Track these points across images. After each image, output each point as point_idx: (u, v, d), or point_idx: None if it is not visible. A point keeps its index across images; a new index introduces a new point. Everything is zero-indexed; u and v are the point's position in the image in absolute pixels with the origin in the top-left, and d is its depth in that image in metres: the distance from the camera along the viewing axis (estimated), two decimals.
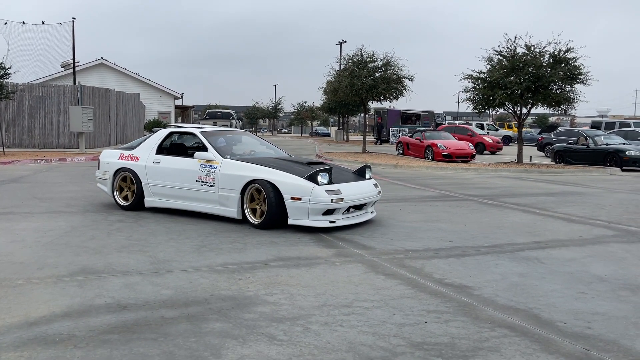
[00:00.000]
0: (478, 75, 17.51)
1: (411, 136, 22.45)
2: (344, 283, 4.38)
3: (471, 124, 36.13)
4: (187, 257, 5.09)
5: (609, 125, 26.74)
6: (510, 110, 18.20)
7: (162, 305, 3.76)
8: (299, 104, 58.81)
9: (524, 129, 24.74)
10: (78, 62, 29.68)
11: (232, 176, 6.59)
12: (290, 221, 6.26)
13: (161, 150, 7.57)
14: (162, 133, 7.71)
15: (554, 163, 19.25)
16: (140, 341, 3.13)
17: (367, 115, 26.77)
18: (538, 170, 15.96)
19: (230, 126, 27.44)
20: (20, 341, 3.10)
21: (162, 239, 5.87)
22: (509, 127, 42.26)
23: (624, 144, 18.58)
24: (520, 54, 16.85)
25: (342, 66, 24.31)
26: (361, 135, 39.10)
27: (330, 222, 6.25)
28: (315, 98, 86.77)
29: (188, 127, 7.89)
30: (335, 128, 48.89)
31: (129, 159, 7.67)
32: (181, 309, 3.70)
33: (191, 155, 7.11)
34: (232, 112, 36.73)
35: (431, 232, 6.50)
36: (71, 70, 26.91)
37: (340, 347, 3.11)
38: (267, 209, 6.27)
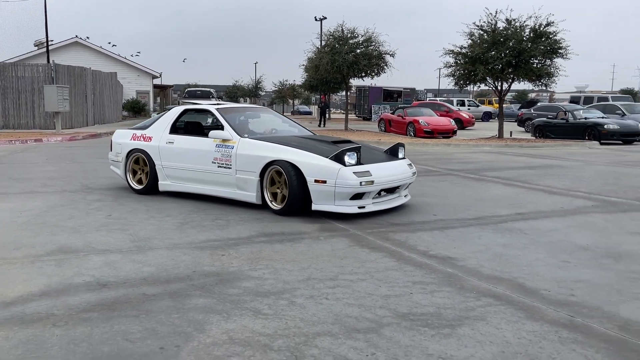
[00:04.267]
0: (459, 50, 17.46)
1: (393, 113, 22.41)
2: (329, 257, 4.34)
3: (452, 101, 36.23)
4: (168, 235, 5.00)
5: (588, 100, 27.00)
6: (491, 86, 18.23)
7: (143, 282, 3.68)
8: (280, 82, 58.22)
9: (504, 105, 24.87)
10: (52, 40, 28.86)
11: (250, 157, 5.99)
12: (314, 206, 5.65)
13: (175, 129, 7.02)
14: (176, 111, 7.14)
15: (534, 137, 19.41)
16: (121, 318, 3.05)
17: (349, 93, 26.60)
18: (519, 145, 16.07)
19: None
20: None
21: (142, 217, 5.76)
22: (490, 103, 42.49)
23: (603, 117, 18.79)
24: (501, 28, 16.81)
25: (323, 42, 24.04)
26: (343, 113, 38.93)
27: (360, 207, 5.60)
28: (297, 76, 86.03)
29: (204, 104, 7.32)
30: (317, 106, 48.59)
31: (142, 139, 7.11)
32: (163, 285, 3.62)
33: (207, 135, 6.51)
34: (211, 90, 36.16)
35: (414, 205, 6.49)
36: (44, 50, 26.14)
37: (326, 319, 3.08)
38: (289, 193, 5.66)
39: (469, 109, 34.34)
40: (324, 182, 5.49)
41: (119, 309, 3.20)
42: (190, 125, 7.28)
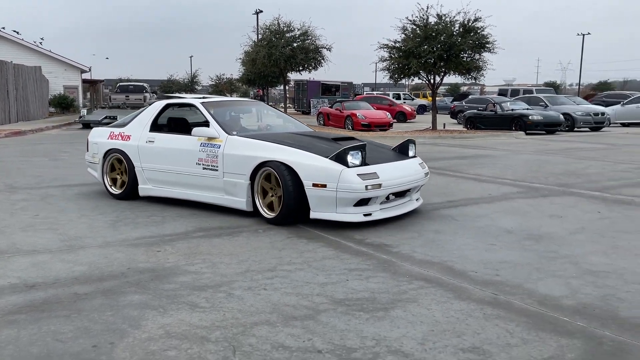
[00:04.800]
0: (393, 44, 17.87)
1: (331, 107, 22.63)
2: (267, 249, 4.37)
3: (388, 94, 37.04)
4: (101, 233, 4.85)
5: (514, 93, 28.39)
6: (424, 79, 18.79)
7: (74, 281, 3.57)
8: (217, 76, 57.29)
9: (438, 98, 25.70)
10: None
11: (238, 157, 5.33)
12: (312, 214, 4.96)
13: (156, 126, 6.37)
14: (157, 106, 6.44)
15: (466, 129, 20.21)
16: (51, 319, 2.95)
17: (288, 87, 26.62)
18: (451, 136, 16.69)
19: (144, 100, 26.10)
20: None
21: (73, 215, 5.55)
22: (424, 96, 43.75)
23: (527, 109, 19.83)
24: (432, 23, 17.35)
25: (260, 36, 23.87)
26: (282, 108, 38.89)
27: (365, 214, 4.94)
28: (234, 70, 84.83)
29: (187, 98, 6.59)
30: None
31: (120, 137, 6.43)
32: (96, 284, 3.53)
33: (190, 133, 5.83)
34: (145, 85, 35.01)
35: None
36: None
37: (264, 309, 3.11)
38: (283, 200, 4.97)
39: (404, 102, 35.25)
40: (324, 186, 4.82)
41: (48, 309, 3.09)
42: (174, 122, 6.68)
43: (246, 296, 3.32)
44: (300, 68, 21.53)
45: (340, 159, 4.92)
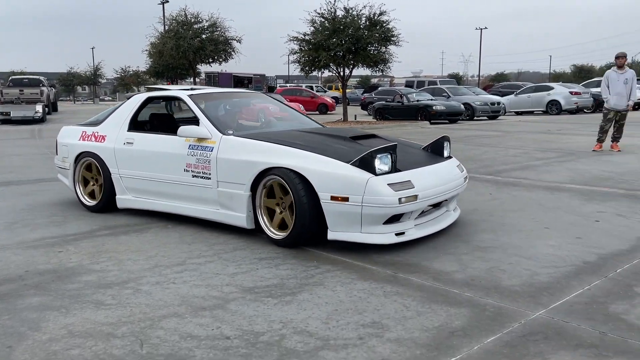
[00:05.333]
0: (303, 37, 18.07)
1: None
2: (177, 243, 4.35)
3: (302, 86, 37.37)
4: None
5: (420, 84, 29.76)
6: (334, 72, 19.20)
7: None
8: (122, 68, 54.73)
9: (349, 90, 26.35)
10: None
11: (236, 162, 4.36)
12: (331, 235, 4.00)
13: (136, 125, 5.43)
14: (137, 100, 5.48)
15: (375, 120, 20.94)
16: None
17: (198, 79, 26.03)
18: (361, 127, 17.22)
19: (41, 95, 24.35)
20: None
21: None
22: (336, 88, 44.58)
23: (432, 99, 20.89)
24: (340, 16, 17.75)
25: (166, 27, 23.12)
26: None
27: (398, 234, 3.99)
28: (140, 62, 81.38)
29: (172, 90, 5.63)
30: None
31: (93, 138, 5.48)
32: None
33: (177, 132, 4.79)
34: (42, 78, 32.67)
35: None
36: None
37: (172, 302, 3.13)
38: (296, 217, 4.02)
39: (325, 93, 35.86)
40: (345, 199, 3.84)
41: None
42: (157, 119, 5.79)
43: (154, 291, 3.31)
44: (210, 60, 21.18)
45: (366, 164, 3.90)
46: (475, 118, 21.21)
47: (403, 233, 4.02)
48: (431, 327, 2.76)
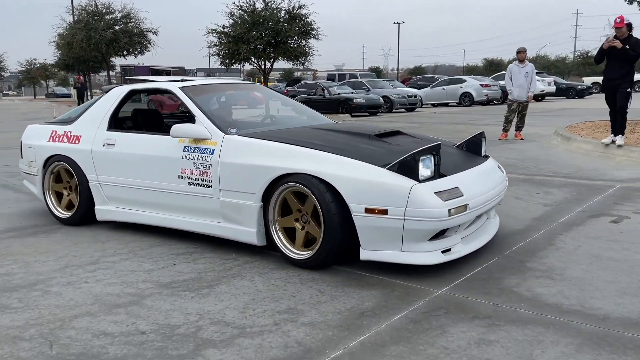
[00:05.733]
0: (222, 29, 17.84)
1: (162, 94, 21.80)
2: (90, 242, 4.23)
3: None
4: None
5: (341, 78, 30.18)
6: (255, 65, 19.13)
7: None
8: (28, 61, 51.18)
9: (271, 84, 26.31)
10: None
11: (244, 167, 3.69)
12: (364, 254, 3.36)
13: (117, 123, 4.78)
14: (117, 94, 4.73)
15: None
16: None
17: (112, 72, 24.92)
18: None
19: None
20: None
21: None
22: (259, 82, 44.29)
23: (352, 93, 21.34)
24: (259, 9, 17.68)
25: (75, 17, 21.92)
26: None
27: (444, 251, 3.35)
28: (48, 54, 76.57)
29: (159, 82, 4.82)
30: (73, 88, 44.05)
31: (66, 139, 4.75)
32: None
33: (168, 131, 4.14)
34: None
35: None
36: None
37: (85, 301, 3.06)
38: (324, 233, 3.37)
39: None
40: (384, 212, 3.19)
41: None
42: (142, 116, 5.06)
43: (65, 291, 3.22)
44: (125, 52, 20.35)
45: (407, 168, 3.25)
46: (394, 110, 21.92)
47: (449, 250, 3.36)
48: (344, 309, 2.90)
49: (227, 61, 18.28)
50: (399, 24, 62.32)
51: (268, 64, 18.80)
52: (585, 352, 2.38)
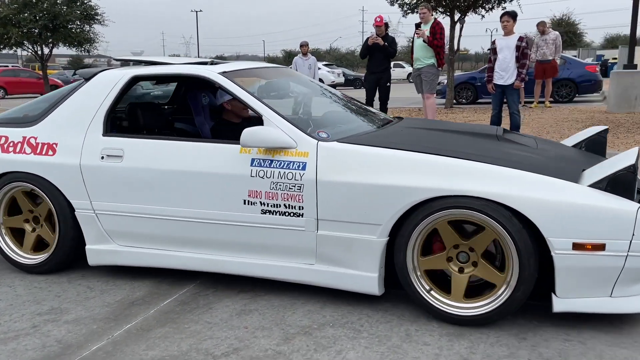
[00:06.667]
0: None
1: None
2: None
3: (8, 66, 31.98)
4: None
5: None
6: (30, 51, 17.08)
7: None
8: None
9: (57, 71, 23.72)
10: None
11: (361, 188, 2.62)
12: (559, 304, 2.48)
13: (116, 123, 3.43)
14: (112, 80, 3.20)
15: None
16: None
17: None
18: None
19: None
20: None
21: None
22: (39, 69, 39.52)
23: None
24: None
25: None
26: None
27: None
28: None
29: (182, 65, 3.24)
30: None
31: (29, 149, 3.21)
32: None
33: (179, 134, 3.02)
34: None
35: None
36: None
37: None
38: (518, 281, 2.46)
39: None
40: (600, 247, 2.38)
41: None
42: (143, 113, 3.45)
43: None
44: None
45: (621, 186, 2.43)
46: None
47: None
48: (113, 302, 2.91)
49: None
50: (196, 12, 61.36)
51: (47, 50, 16.91)
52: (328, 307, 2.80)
